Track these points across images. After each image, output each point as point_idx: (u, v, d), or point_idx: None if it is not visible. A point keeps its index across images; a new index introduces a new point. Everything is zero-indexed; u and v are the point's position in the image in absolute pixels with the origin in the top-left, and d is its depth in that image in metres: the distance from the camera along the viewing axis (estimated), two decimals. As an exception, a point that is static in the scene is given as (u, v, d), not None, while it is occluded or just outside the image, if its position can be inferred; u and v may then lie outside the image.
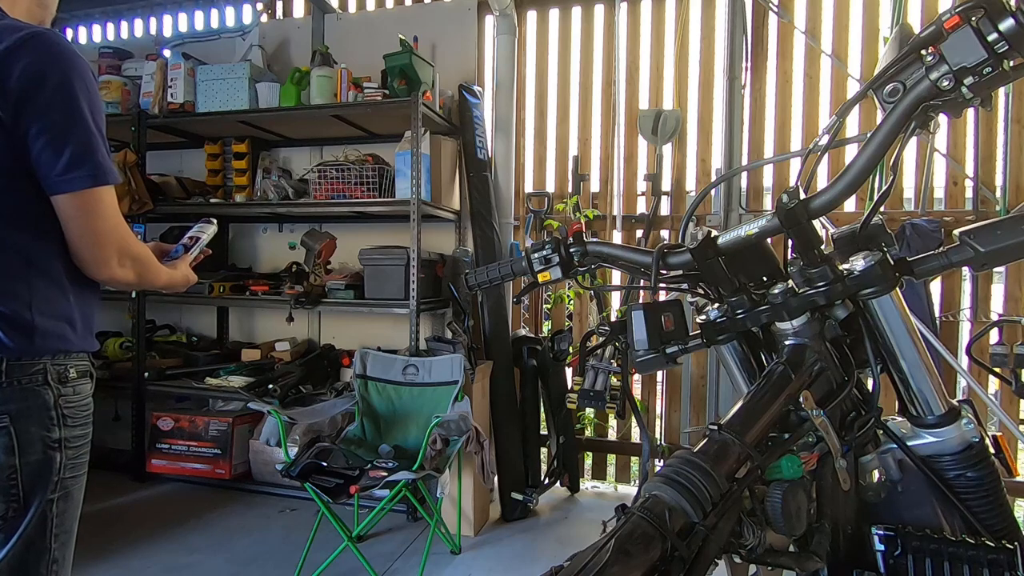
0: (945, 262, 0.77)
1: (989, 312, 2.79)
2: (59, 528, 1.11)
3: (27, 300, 1.07)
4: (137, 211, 3.22)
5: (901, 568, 0.76)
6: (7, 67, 1.01)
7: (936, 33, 0.69)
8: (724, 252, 0.85)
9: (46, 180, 1.05)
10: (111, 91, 3.36)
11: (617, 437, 3.39)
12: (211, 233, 1.46)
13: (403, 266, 2.91)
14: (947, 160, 2.84)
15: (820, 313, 0.83)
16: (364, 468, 2.34)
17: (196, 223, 1.47)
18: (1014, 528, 0.80)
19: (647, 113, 3.16)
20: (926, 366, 0.82)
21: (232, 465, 3.13)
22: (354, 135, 3.42)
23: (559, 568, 0.52)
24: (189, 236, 1.43)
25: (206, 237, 1.45)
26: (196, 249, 1.41)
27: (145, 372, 3.25)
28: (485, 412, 2.93)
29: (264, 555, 2.53)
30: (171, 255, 1.38)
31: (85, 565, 2.39)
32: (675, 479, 0.60)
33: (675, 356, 0.88)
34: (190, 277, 1.37)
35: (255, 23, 3.65)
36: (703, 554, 0.57)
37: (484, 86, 3.40)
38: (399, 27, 3.17)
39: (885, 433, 0.84)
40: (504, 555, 2.58)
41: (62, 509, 1.12)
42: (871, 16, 2.94)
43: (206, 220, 1.48)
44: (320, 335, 3.60)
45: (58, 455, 1.10)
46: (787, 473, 0.69)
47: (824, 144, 0.86)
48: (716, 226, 3.06)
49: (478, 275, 1.11)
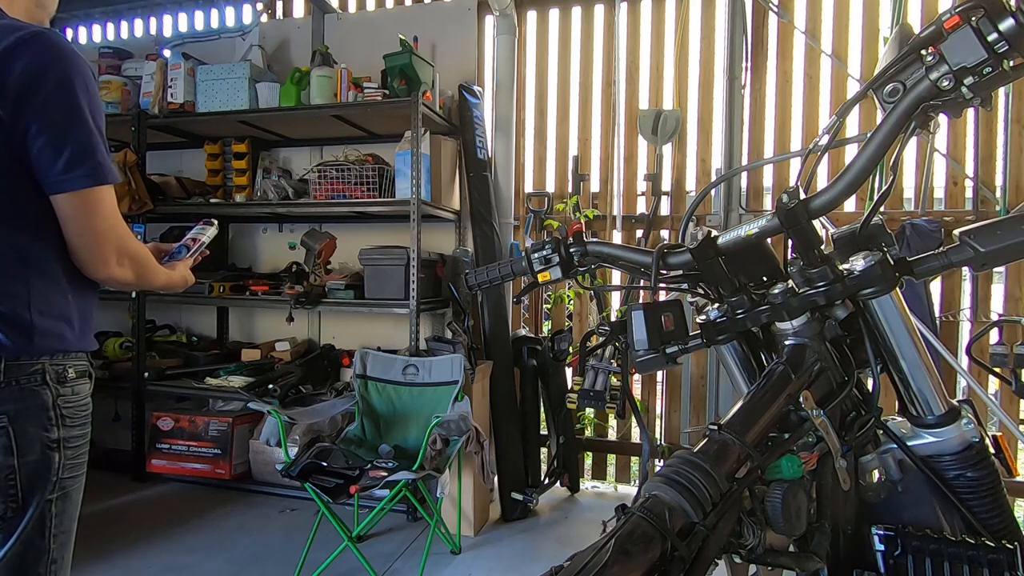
0: (945, 262, 0.77)
1: (989, 312, 2.79)
2: (58, 528, 1.11)
3: (26, 300, 1.07)
4: (137, 211, 3.22)
5: (901, 568, 0.76)
6: (7, 66, 1.01)
7: (936, 33, 0.69)
8: (724, 252, 0.85)
9: (46, 179, 1.05)
10: (111, 91, 3.37)
11: (617, 437, 3.39)
12: (211, 235, 1.46)
13: (403, 266, 2.91)
14: (947, 160, 2.84)
15: (820, 313, 0.83)
16: (364, 468, 2.34)
17: (196, 224, 1.47)
18: (1014, 528, 0.80)
19: (647, 113, 3.16)
20: (926, 366, 0.82)
21: (232, 465, 3.13)
22: (354, 135, 3.42)
23: (559, 568, 0.52)
24: (190, 238, 1.43)
25: (206, 239, 1.45)
26: (197, 251, 1.41)
27: (145, 372, 3.25)
28: (485, 412, 2.93)
29: (264, 555, 2.53)
30: (172, 255, 1.38)
31: (85, 565, 2.39)
32: (675, 479, 0.60)
33: (675, 356, 0.88)
34: (189, 278, 1.37)
35: (255, 23, 3.65)
36: (703, 554, 0.57)
37: (484, 86, 3.40)
38: (399, 27, 3.17)
39: (885, 433, 0.84)
40: (504, 555, 2.58)
41: (61, 509, 1.11)
42: (871, 16, 2.94)
43: (206, 221, 1.48)
44: (320, 335, 3.60)
45: (56, 455, 1.10)
46: (787, 473, 0.69)
47: (824, 144, 0.86)
48: (716, 226, 3.06)
49: (478, 275, 1.11)
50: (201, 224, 1.47)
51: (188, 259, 1.38)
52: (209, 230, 1.46)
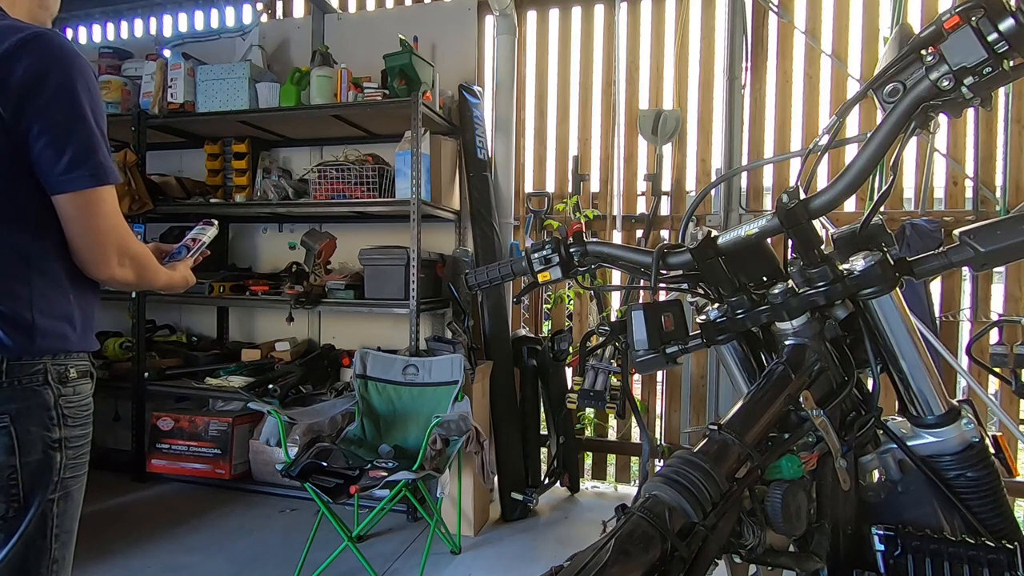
0: (945, 262, 0.77)
1: (989, 312, 2.79)
2: (59, 528, 1.11)
3: (27, 300, 1.07)
4: (137, 211, 3.22)
5: (901, 568, 0.76)
6: (9, 67, 1.01)
7: (936, 33, 0.69)
8: (724, 252, 0.85)
9: (47, 179, 1.05)
10: (111, 91, 3.36)
11: (617, 437, 3.39)
12: (212, 235, 1.46)
13: (403, 266, 2.91)
14: (947, 160, 2.84)
15: (820, 313, 0.83)
16: (364, 468, 2.34)
17: (197, 224, 1.47)
18: (1014, 528, 0.80)
19: (647, 113, 3.16)
20: (926, 366, 0.82)
21: (232, 465, 3.13)
22: (354, 135, 3.42)
23: (559, 568, 0.52)
24: (190, 238, 1.42)
25: (207, 239, 1.45)
26: (197, 251, 1.41)
27: (145, 372, 3.25)
28: (485, 412, 2.93)
29: (264, 555, 2.53)
30: (173, 255, 1.38)
31: (85, 565, 2.39)
32: (675, 479, 0.60)
33: (675, 356, 0.88)
34: (189, 279, 1.37)
35: (255, 23, 3.65)
36: (703, 554, 0.57)
37: (484, 86, 3.40)
38: (399, 27, 3.17)
39: (885, 433, 0.84)
40: (504, 555, 2.58)
41: (62, 509, 1.11)
42: (871, 16, 2.94)
43: (207, 222, 1.48)
44: (320, 335, 3.60)
45: (58, 455, 1.10)
46: (787, 473, 0.69)
47: (824, 144, 0.86)
48: (716, 226, 3.06)
49: (478, 275, 1.11)
50: (201, 224, 1.47)
51: (189, 259, 1.38)
52: (209, 230, 1.46)
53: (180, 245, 1.41)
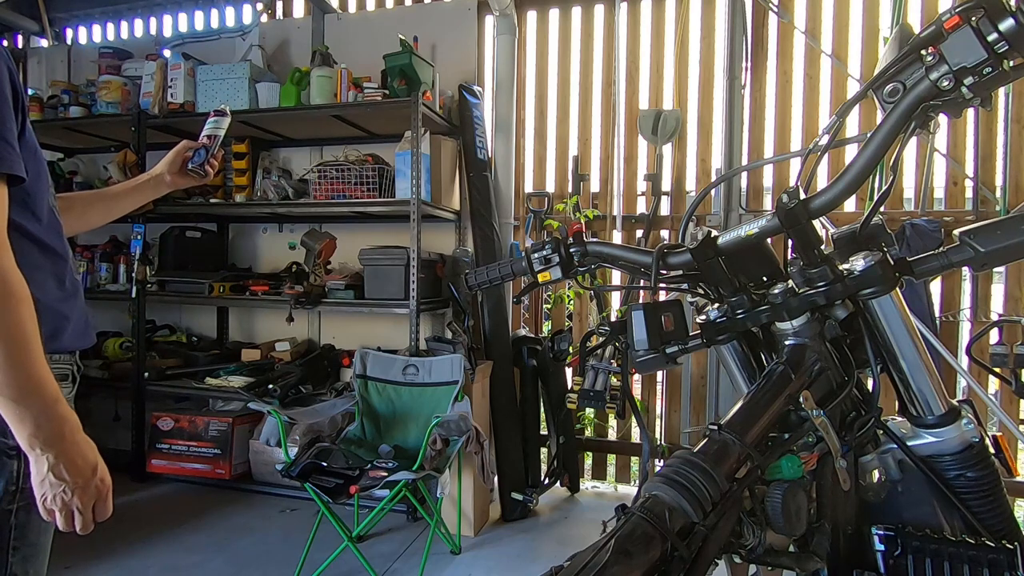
0: (945, 262, 0.77)
1: (989, 312, 2.79)
2: (19, 540, 1.01)
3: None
4: (137, 211, 3.21)
5: (901, 568, 0.76)
6: None
7: (936, 33, 0.69)
8: (724, 252, 0.85)
9: None
10: (111, 91, 3.36)
11: (617, 437, 3.39)
12: (227, 125, 1.35)
13: (403, 266, 2.91)
14: (947, 160, 2.84)
15: (820, 313, 0.83)
16: (364, 468, 2.34)
17: (208, 118, 1.35)
18: (1014, 528, 0.80)
19: (647, 113, 3.16)
20: (926, 366, 0.82)
21: (232, 465, 3.13)
22: (354, 135, 3.42)
23: (559, 568, 0.52)
24: (206, 135, 1.32)
25: (222, 132, 1.34)
26: (214, 148, 1.32)
27: (145, 372, 3.25)
28: (485, 412, 2.93)
29: (264, 555, 2.53)
30: (193, 161, 1.31)
31: (85, 565, 2.39)
32: (675, 479, 0.60)
33: (675, 356, 0.88)
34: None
35: (255, 23, 3.65)
36: (703, 554, 0.57)
37: (484, 86, 3.40)
38: (399, 27, 3.17)
39: (885, 433, 0.84)
40: (504, 555, 2.58)
41: (24, 520, 1.01)
42: (871, 16, 2.94)
43: (219, 111, 1.37)
44: (320, 335, 3.60)
45: (15, 463, 0.99)
46: (787, 473, 0.69)
47: (824, 144, 0.86)
48: (716, 226, 3.06)
49: (478, 275, 1.11)
50: (213, 116, 1.35)
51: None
52: (224, 120, 1.35)
53: (200, 148, 1.32)
